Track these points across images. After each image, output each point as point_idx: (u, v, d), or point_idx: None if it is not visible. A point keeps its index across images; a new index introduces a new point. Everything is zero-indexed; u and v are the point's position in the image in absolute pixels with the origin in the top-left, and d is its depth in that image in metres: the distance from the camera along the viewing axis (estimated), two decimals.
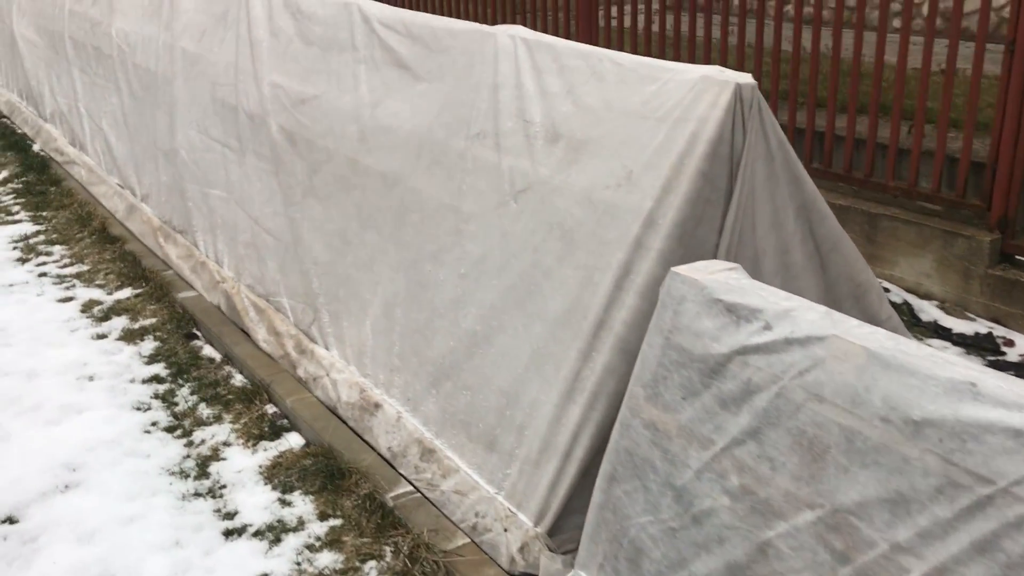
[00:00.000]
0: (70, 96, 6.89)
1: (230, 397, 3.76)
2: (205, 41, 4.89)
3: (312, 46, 4.03)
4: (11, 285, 4.99)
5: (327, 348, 3.71)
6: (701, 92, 2.55)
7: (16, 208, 6.23)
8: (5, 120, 8.52)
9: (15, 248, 5.53)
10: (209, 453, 3.42)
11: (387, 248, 3.45)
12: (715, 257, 2.62)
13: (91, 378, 3.97)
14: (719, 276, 2.17)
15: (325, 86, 3.86)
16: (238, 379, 3.94)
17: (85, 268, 5.15)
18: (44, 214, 6.05)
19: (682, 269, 2.23)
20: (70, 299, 4.79)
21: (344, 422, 3.44)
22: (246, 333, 4.17)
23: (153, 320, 4.48)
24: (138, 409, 3.73)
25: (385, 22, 3.63)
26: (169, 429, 3.58)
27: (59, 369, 4.04)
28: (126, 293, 4.80)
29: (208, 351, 4.22)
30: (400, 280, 3.36)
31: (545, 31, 6.31)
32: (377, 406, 3.32)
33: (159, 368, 4.04)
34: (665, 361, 2.20)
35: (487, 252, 3.01)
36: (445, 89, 3.30)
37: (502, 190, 2.99)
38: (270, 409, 3.68)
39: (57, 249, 5.47)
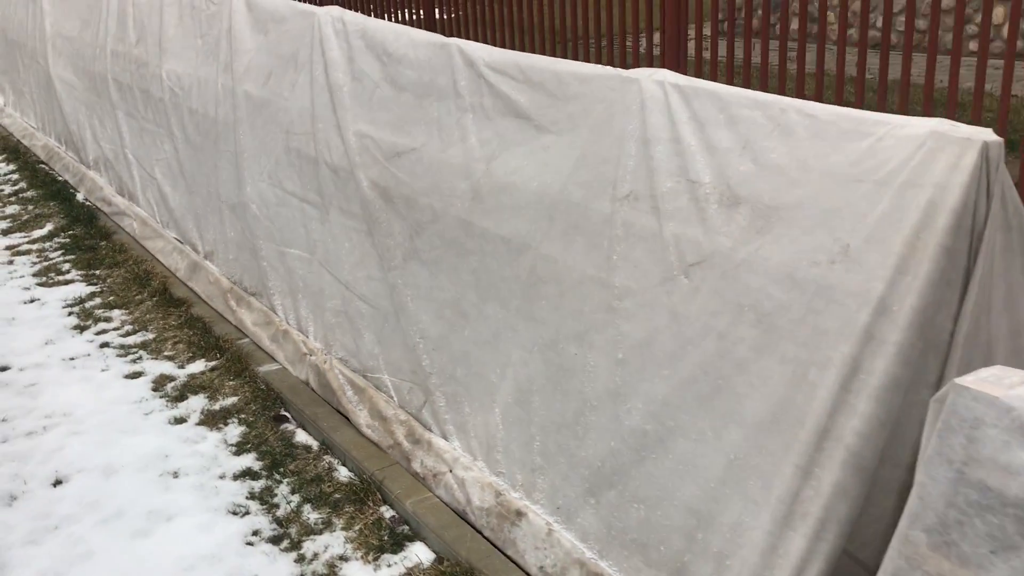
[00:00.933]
0: (116, 142, 6.50)
1: (337, 496, 3.31)
2: (272, 84, 4.49)
3: (404, 92, 3.61)
4: (72, 359, 4.55)
5: (446, 438, 3.27)
6: (935, 151, 2.10)
7: (66, 266, 5.81)
8: (43, 166, 8.12)
9: (70, 313, 5.10)
10: (325, 571, 2.96)
11: (516, 324, 3.02)
12: (951, 347, 2.18)
13: (175, 474, 3.54)
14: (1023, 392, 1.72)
15: (424, 137, 3.44)
16: (342, 473, 3.49)
17: (150, 336, 4.72)
18: (97, 272, 5.63)
19: (969, 382, 1.77)
20: (139, 374, 4.36)
21: (479, 531, 2.99)
22: (344, 415, 3.73)
23: (235, 399, 4.04)
24: (234, 513, 3.28)
25: (494, 66, 3.21)
26: (274, 540, 3.13)
27: (139, 463, 3.61)
28: (199, 366, 4.37)
29: (302, 437, 3.77)
30: (536, 362, 2.92)
31: (624, 64, 5.88)
32: (520, 514, 2.87)
33: (250, 460, 3.60)
34: (959, 501, 1.74)
35: (652, 336, 2.57)
36: (579, 143, 2.88)
37: (667, 262, 2.55)
38: (386, 512, 3.22)
39: (116, 314, 5.04)
